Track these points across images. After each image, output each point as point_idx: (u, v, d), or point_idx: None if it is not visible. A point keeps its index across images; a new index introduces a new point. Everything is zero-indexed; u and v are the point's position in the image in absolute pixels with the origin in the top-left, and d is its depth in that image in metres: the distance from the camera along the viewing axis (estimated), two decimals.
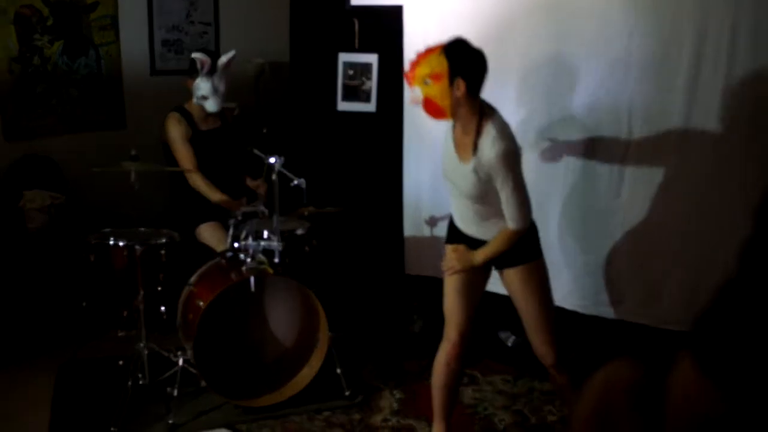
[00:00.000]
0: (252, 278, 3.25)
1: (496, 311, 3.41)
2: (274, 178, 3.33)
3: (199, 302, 3.25)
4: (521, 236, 2.70)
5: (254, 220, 3.51)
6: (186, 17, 5.00)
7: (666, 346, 3.19)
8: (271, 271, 3.32)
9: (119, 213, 4.30)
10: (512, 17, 3.47)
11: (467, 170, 2.64)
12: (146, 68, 4.88)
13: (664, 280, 3.31)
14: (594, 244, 3.47)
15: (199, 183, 3.84)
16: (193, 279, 3.44)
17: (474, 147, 2.61)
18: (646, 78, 3.19)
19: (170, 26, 4.95)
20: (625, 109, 3.26)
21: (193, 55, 3.86)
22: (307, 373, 3.42)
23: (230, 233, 3.45)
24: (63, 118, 4.59)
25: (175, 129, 3.87)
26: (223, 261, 3.47)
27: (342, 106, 4.40)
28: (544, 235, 2.89)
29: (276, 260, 3.32)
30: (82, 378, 3.56)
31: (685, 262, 3.24)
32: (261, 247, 3.32)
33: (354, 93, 4.37)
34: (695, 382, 1.17)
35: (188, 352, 3.30)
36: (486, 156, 2.58)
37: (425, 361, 3.14)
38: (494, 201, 2.67)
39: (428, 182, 3.95)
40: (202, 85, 3.84)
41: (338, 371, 3.46)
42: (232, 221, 3.46)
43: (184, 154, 3.86)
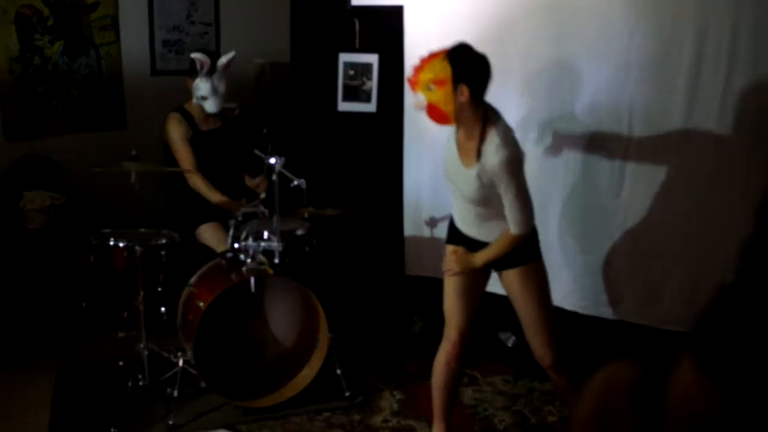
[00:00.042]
0: (252, 279, 3.25)
1: (497, 312, 3.40)
2: (275, 179, 3.33)
3: (200, 303, 3.25)
4: (525, 238, 2.70)
5: (254, 221, 3.51)
6: (186, 17, 5.00)
7: (666, 347, 3.19)
8: (272, 272, 3.32)
9: (119, 213, 4.29)
10: (513, 17, 3.47)
11: (470, 175, 2.64)
12: (147, 68, 4.88)
13: (664, 280, 3.31)
14: (594, 245, 3.47)
15: (199, 184, 3.84)
16: (193, 280, 3.44)
17: (477, 153, 2.61)
18: (647, 78, 3.19)
19: (171, 26, 4.94)
20: (626, 110, 3.25)
21: (193, 56, 3.86)
22: (307, 374, 3.42)
23: (230, 234, 3.44)
24: (63, 119, 4.59)
25: (176, 129, 3.87)
26: (224, 261, 3.47)
27: (342, 107, 4.40)
28: (544, 236, 2.89)
29: (276, 261, 3.32)
30: (82, 378, 3.56)
31: (686, 262, 3.24)
32: (261, 248, 3.32)
33: (354, 93, 4.37)
34: (695, 383, 1.17)
35: (188, 353, 3.30)
36: (489, 162, 2.58)
37: (425, 362, 3.13)
38: (496, 204, 2.67)
39: (428, 183, 3.95)
40: (202, 86, 3.84)
41: (338, 372, 3.46)
42: (233, 222, 3.46)
43: (184, 155, 3.85)
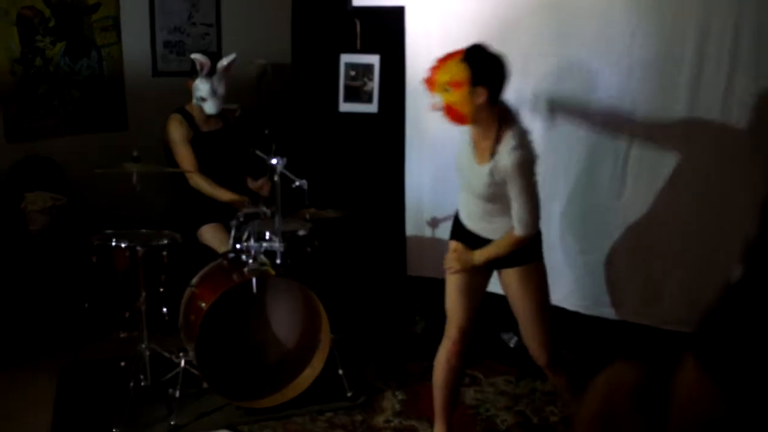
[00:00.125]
0: (254, 279, 3.25)
1: (499, 312, 3.40)
2: (276, 180, 3.33)
3: (201, 303, 3.25)
4: (527, 241, 2.71)
5: (256, 222, 3.51)
6: (188, 18, 5.01)
7: (667, 347, 3.19)
8: (273, 273, 3.32)
9: (121, 214, 4.29)
10: (514, 18, 3.46)
11: (482, 172, 2.65)
12: (148, 69, 4.89)
13: (665, 281, 3.30)
14: (595, 244, 3.46)
15: (202, 184, 3.84)
16: (195, 280, 3.44)
17: (492, 152, 2.62)
18: (649, 78, 3.19)
19: (172, 27, 4.95)
20: (628, 109, 3.25)
21: (193, 56, 3.86)
22: (309, 374, 3.42)
23: (232, 234, 3.44)
24: (65, 120, 4.59)
25: (176, 131, 3.87)
26: (225, 262, 3.47)
27: (344, 107, 4.40)
28: (546, 235, 2.89)
29: (278, 261, 3.32)
30: (84, 379, 3.56)
31: (686, 262, 3.23)
32: (263, 249, 3.32)
33: (356, 94, 4.37)
34: (698, 383, 1.17)
35: (190, 353, 3.30)
36: (503, 162, 2.59)
37: (427, 362, 3.13)
38: (504, 201, 2.68)
39: (430, 183, 3.95)
40: (201, 87, 3.84)
41: (340, 372, 3.46)
42: (234, 222, 3.45)
43: (185, 156, 3.86)
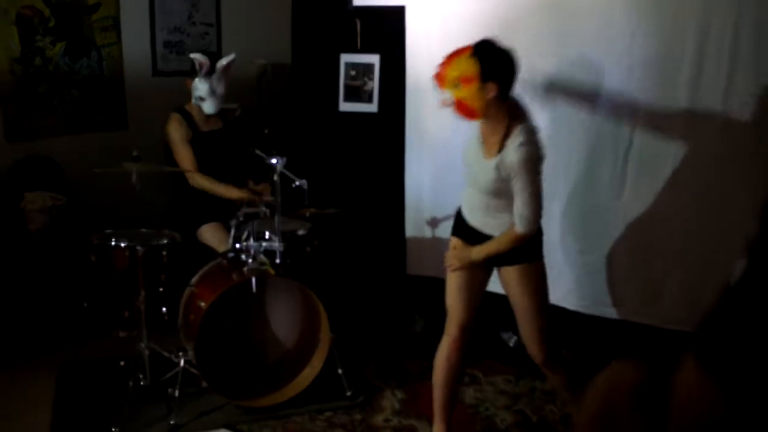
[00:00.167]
0: (253, 279, 3.25)
1: (498, 312, 3.40)
2: (276, 179, 3.33)
3: (201, 303, 3.25)
4: (527, 239, 2.71)
5: (255, 221, 3.51)
6: (188, 18, 5.00)
7: (667, 346, 3.19)
8: (273, 272, 3.32)
9: (121, 214, 4.29)
10: (514, 17, 3.46)
11: (489, 166, 2.66)
12: (148, 69, 4.89)
13: (665, 280, 3.30)
14: (595, 244, 3.46)
15: (204, 183, 3.84)
16: (195, 279, 3.44)
17: (500, 147, 2.63)
18: (649, 77, 3.19)
19: (172, 27, 4.95)
20: (628, 109, 3.25)
21: (192, 56, 3.86)
22: (309, 374, 3.42)
23: (232, 234, 3.44)
24: (64, 119, 4.59)
25: (176, 130, 3.87)
26: (225, 262, 3.47)
27: (344, 107, 4.40)
28: (546, 235, 2.89)
29: (277, 261, 3.32)
30: (84, 378, 3.56)
31: (686, 262, 3.24)
32: (262, 248, 3.32)
33: (356, 93, 4.37)
34: (698, 383, 1.17)
35: (189, 353, 3.30)
36: (510, 158, 2.59)
37: (427, 361, 3.13)
38: (507, 197, 2.69)
39: (430, 183, 3.95)
40: (200, 86, 3.84)
41: (340, 371, 3.46)
42: (234, 222, 3.45)
43: (185, 156, 3.85)
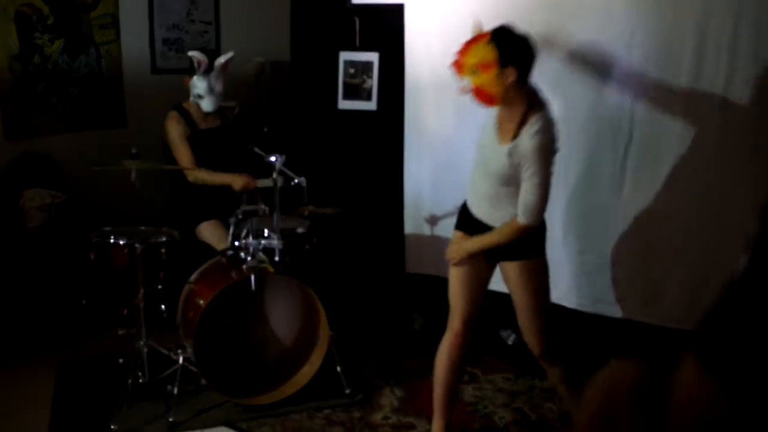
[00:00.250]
0: (252, 277, 3.25)
1: (497, 310, 3.40)
2: (275, 177, 3.33)
3: (200, 300, 3.25)
4: (527, 232, 2.70)
5: (254, 219, 3.51)
6: (186, 16, 5.00)
7: (668, 345, 3.19)
8: (272, 270, 3.32)
9: (120, 211, 4.28)
10: (514, 16, 3.43)
11: (502, 152, 2.65)
12: (147, 67, 4.88)
13: (666, 279, 3.31)
14: (595, 243, 3.47)
15: (202, 176, 3.83)
16: (194, 277, 3.44)
17: (515, 133, 2.63)
18: (648, 76, 3.19)
19: (171, 25, 4.94)
20: (627, 108, 3.25)
21: (190, 54, 3.86)
22: (308, 371, 3.42)
23: (231, 232, 3.44)
24: (63, 117, 4.58)
25: (174, 128, 3.86)
26: (224, 259, 3.47)
27: (343, 105, 4.40)
28: (548, 232, 2.89)
29: (276, 259, 3.33)
30: (82, 376, 3.56)
31: (687, 261, 3.24)
32: (261, 246, 3.33)
33: (355, 91, 4.37)
34: (699, 382, 1.17)
35: (188, 350, 3.30)
36: (524, 144, 2.59)
37: (426, 359, 3.13)
38: (516, 185, 2.68)
39: (429, 181, 3.95)
40: (198, 84, 3.84)
41: (338, 369, 3.46)
42: (233, 219, 3.45)
43: (183, 153, 3.85)
